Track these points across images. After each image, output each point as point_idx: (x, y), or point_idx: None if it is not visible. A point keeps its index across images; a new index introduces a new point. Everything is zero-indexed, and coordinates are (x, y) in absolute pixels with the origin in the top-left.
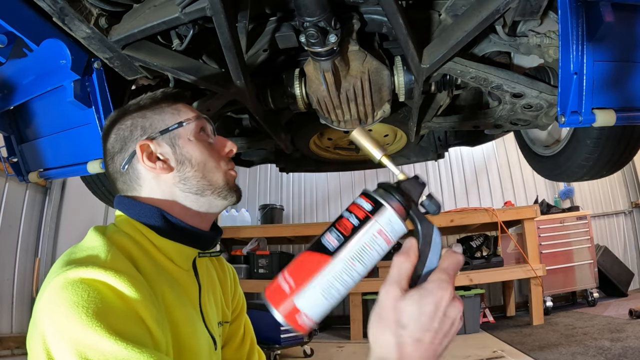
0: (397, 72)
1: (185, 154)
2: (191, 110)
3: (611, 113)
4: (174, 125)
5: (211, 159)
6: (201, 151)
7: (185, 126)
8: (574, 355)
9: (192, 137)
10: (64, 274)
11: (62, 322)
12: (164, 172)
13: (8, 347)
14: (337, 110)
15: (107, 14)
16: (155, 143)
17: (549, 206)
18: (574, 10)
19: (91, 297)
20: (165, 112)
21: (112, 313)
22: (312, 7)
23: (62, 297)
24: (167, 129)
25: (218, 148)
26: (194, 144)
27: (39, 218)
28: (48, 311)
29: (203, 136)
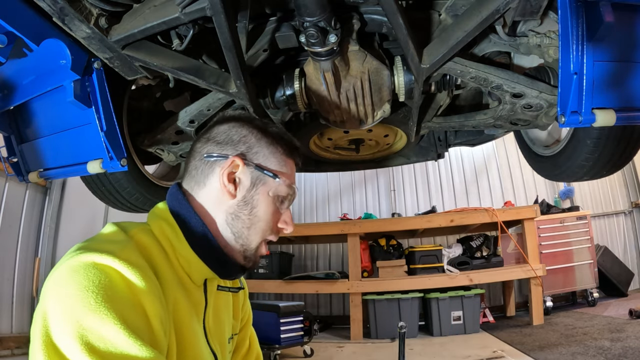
0: (397, 72)
1: (256, 200)
2: (293, 174)
3: (611, 113)
4: (271, 173)
5: (266, 224)
6: (266, 211)
7: (277, 182)
8: (574, 355)
9: (272, 194)
10: (77, 256)
11: (68, 303)
12: (227, 196)
13: (8, 347)
14: (337, 110)
15: (107, 14)
16: (245, 168)
17: (549, 206)
18: (574, 10)
19: (102, 282)
20: (275, 155)
21: (119, 301)
22: (312, 7)
23: (72, 278)
24: (262, 169)
25: (279, 218)
26: (267, 200)
27: (39, 218)
28: (55, 291)
29: (277, 201)
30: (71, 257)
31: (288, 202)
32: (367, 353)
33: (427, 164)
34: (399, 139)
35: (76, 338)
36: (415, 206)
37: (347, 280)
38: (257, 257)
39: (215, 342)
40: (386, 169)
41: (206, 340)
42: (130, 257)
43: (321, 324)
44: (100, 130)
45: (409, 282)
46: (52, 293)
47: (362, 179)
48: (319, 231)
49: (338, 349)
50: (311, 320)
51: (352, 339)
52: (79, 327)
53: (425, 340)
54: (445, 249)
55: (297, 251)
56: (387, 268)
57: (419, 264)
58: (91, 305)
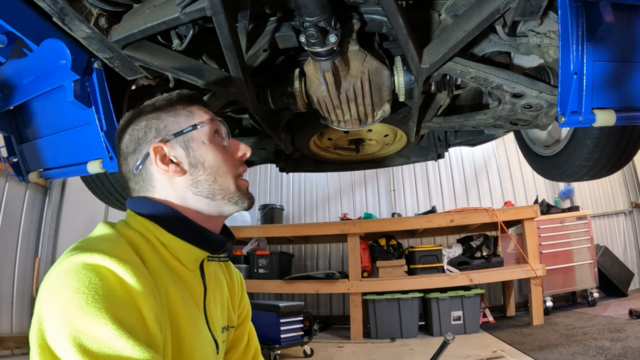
0: (397, 72)
1: (199, 157)
2: (205, 113)
3: (611, 113)
4: (188, 128)
5: (224, 164)
6: (214, 155)
7: (200, 129)
8: (574, 355)
9: (206, 140)
10: (68, 258)
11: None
12: (177, 175)
13: (8, 347)
14: (337, 110)
15: (107, 14)
16: (169, 145)
17: (549, 206)
18: (574, 10)
19: (92, 282)
20: (179, 115)
21: (112, 301)
22: (312, 7)
23: (64, 281)
24: (181, 132)
25: (232, 151)
26: (207, 147)
27: (39, 218)
28: (48, 295)
29: (217, 139)
30: (63, 259)
31: (224, 132)
32: (367, 353)
33: (427, 164)
34: (399, 139)
35: (70, 340)
36: (415, 206)
37: (347, 280)
38: (244, 194)
39: (217, 330)
40: (386, 169)
41: (208, 327)
42: (121, 254)
43: (321, 324)
44: (100, 130)
45: (409, 282)
46: (46, 296)
47: (362, 179)
48: (319, 231)
49: (338, 349)
50: (311, 320)
51: (352, 339)
52: (72, 329)
53: (425, 340)
54: (445, 249)
55: (297, 251)
56: (387, 268)
57: (419, 264)
58: (83, 307)
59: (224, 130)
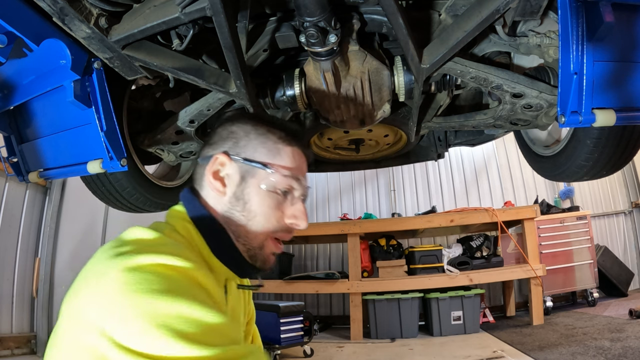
0: (397, 72)
1: (246, 195)
2: (293, 162)
3: (611, 113)
4: (259, 164)
5: (265, 219)
6: (262, 204)
7: (268, 172)
8: (574, 355)
9: (266, 187)
10: (122, 261)
11: (132, 303)
12: (217, 194)
13: (8, 347)
14: (337, 110)
15: (107, 14)
16: (231, 164)
17: (549, 206)
18: (574, 10)
19: (162, 277)
20: (266, 145)
21: (186, 288)
22: (312, 7)
23: (130, 280)
24: (250, 161)
25: (286, 214)
26: (262, 194)
27: (39, 218)
28: (110, 299)
29: (278, 194)
30: (113, 263)
31: (299, 194)
32: (367, 353)
33: (427, 164)
34: (399, 139)
35: (160, 328)
36: (415, 206)
37: (347, 280)
38: (265, 256)
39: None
40: (386, 169)
41: None
42: (190, 256)
43: (321, 324)
44: (100, 130)
45: (409, 282)
46: (108, 301)
47: (362, 179)
48: (319, 231)
49: (338, 349)
50: (311, 320)
51: (352, 339)
52: (156, 318)
53: (425, 340)
54: (445, 249)
55: (297, 251)
56: (387, 268)
57: (419, 264)
58: (156, 296)
59: (297, 193)
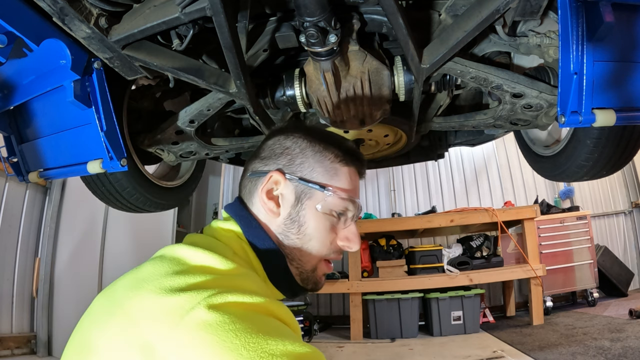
0: (397, 72)
1: (302, 217)
2: (350, 183)
3: (611, 113)
4: (317, 185)
5: (320, 243)
6: (318, 227)
7: (326, 194)
8: (574, 355)
9: (322, 209)
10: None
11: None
12: (270, 214)
13: (8, 347)
14: (337, 110)
15: (107, 14)
16: (286, 183)
17: (549, 206)
18: (574, 10)
19: (253, 317)
20: (324, 164)
21: (275, 326)
22: (312, 7)
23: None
24: (307, 181)
25: (339, 236)
26: (318, 216)
27: (39, 218)
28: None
29: (333, 216)
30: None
31: (352, 216)
32: (367, 353)
33: (427, 164)
34: (399, 139)
35: None
36: (415, 206)
37: (347, 280)
38: (317, 278)
39: None
40: (386, 169)
41: None
42: (259, 288)
43: (321, 324)
44: (100, 130)
45: (409, 282)
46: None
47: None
48: None
49: (338, 349)
50: (311, 320)
51: (352, 339)
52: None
53: (425, 340)
54: (445, 249)
55: None
56: (387, 268)
57: (419, 264)
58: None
59: (351, 215)
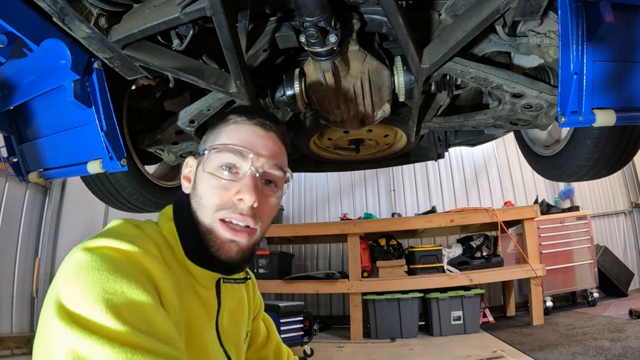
0: (397, 72)
1: (197, 182)
2: (235, 138)
3: (611, 113)
4: (204, 150)
5: (208, 199)
6: (205, 185)
7: (207, 154)
8: (574, 355)
9: (205, 169)
10: (89, 241)
11: (84, 280)
12: (186, 191)
13: (8, 347)
14: (337, 110)
15: (107, 14)
16: (194, 161)
17: (549, 206)
18: (574, 10)
19: (108, 257)
20: (212, 135)
21: (126, 269)
22: (312, 7)
23: (83, 259)
24: (198, 153)
25: (231, 192)
26: (204, 176)
27: (39, 218)
28: (68, 275)
29: (220, 172)
30: (84, 243)
31: (247, 168)
32: (367, 353)
33: (427, 164)
34: (399, 139)
35: (101, 303)
36: (415, 206)
37: (347, 280)
38: (217, 241)
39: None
40: (386, 169)
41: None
42: (149, 248)
43: (321, 324)
44: (100, 130)
45: (409, 282)
46: (65, 278)
47: (362, 179)
48: (319, 231)
49: (338, 349)
50: (311, 320)
51: (352, 339)
52: (104, 293)
53: (425, 340)
54: (445, 249)
55: (297, 251)
56: (387, 268)
57: (419, 264)
58: (107, 275)
59: (244, 167)
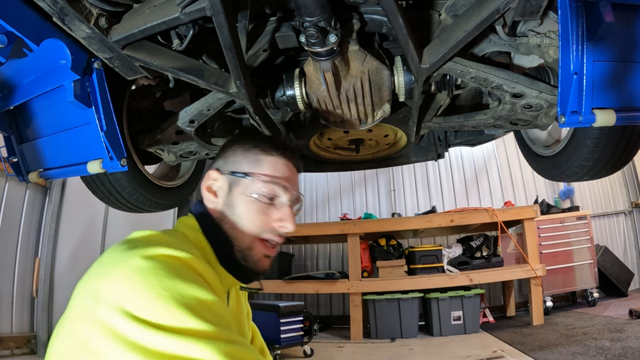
0: (397, 72)
1: (234, 202)
2: (274, 170)
3: (611, 113)
4: (241, 173)
5: (250, 222)
6: (247, 209)
7: (249, 180)
8: (574, 355)
9: (249, 193)
10: (139, 251)
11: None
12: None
13: (8, 347)
14: (337, 110)
15: (107, 14)
16: (221, 177)
17: (549, 206)
18: (574, 10)
19: (169, 265)
20: (249, 157)
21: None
22: (312, 7)
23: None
24: (235, 172)
25: (272, 218)
26: (246, 200)
27: (39, 218)
28: (133, 284)
29: (264, 199)
30: (129, 254)
31: (286, 200)
32: (367, 353)
33: (427, 164)
34: (399, 139)
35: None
36: (415, 206)
37: (347, 280)
38: (256, 258)
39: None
40: (386, 169)
41: None
42: (197, 254)
43: (321, 324)
44: (100, 130)
45: (409, 282)
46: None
47: (362, 179)
48: (319, 231)
49: (338, 349)
50: (311, 320)
51: (352, 339)
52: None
53: (425, 340)
54: (445, 249)
55: (297, 251)
56: (387, 268)
57: (419, 264)
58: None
59: (284, 199)
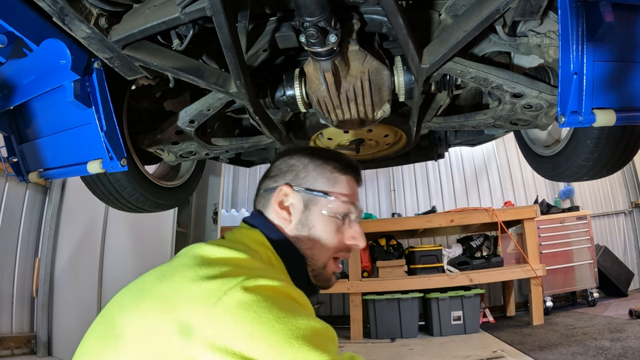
0: (397, 72)
1: (311, 220)
2: (349, 189)
3: (611, 113)
4: (320, 193)
5: (328, 242)
6: (325, 229)
7: (329, 200)
8: (574, 355)
9: (327, 212)
10: (236, 281)
11: (270, 321)
12: (283, 222)
13: (8, 347)
14: (337, 110)
15: (107, 14)
16: (294, 194)
17: (549, 206)
18: (574, 10)
19: (273, 298)
20: (324, 175)
21: (291, 305)
22: (312, 7)
23: (254, 300)
24: (312, 190)
25: (345, 236)
26: (324, 220)
27: (39, 218)
28: (244, 319)
29: (338, 219)
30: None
31: (354, 218)
32: (367, 353)
33: (427, 164)
34: (399, 139)
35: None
36: (415, 206)
37: (347, 280)
38: (327, 276)
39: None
40: (386, 169)
41: None
42: (285, 279)
43: None
44: (100, 130)
45: (409, 282)
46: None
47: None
48: None
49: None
50: None
51: (352, 339)
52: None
53: (425, 340)
54: (445, 249)
55: None
56: (387, 268)
57: (419, 264)
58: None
59: (354, 216)
